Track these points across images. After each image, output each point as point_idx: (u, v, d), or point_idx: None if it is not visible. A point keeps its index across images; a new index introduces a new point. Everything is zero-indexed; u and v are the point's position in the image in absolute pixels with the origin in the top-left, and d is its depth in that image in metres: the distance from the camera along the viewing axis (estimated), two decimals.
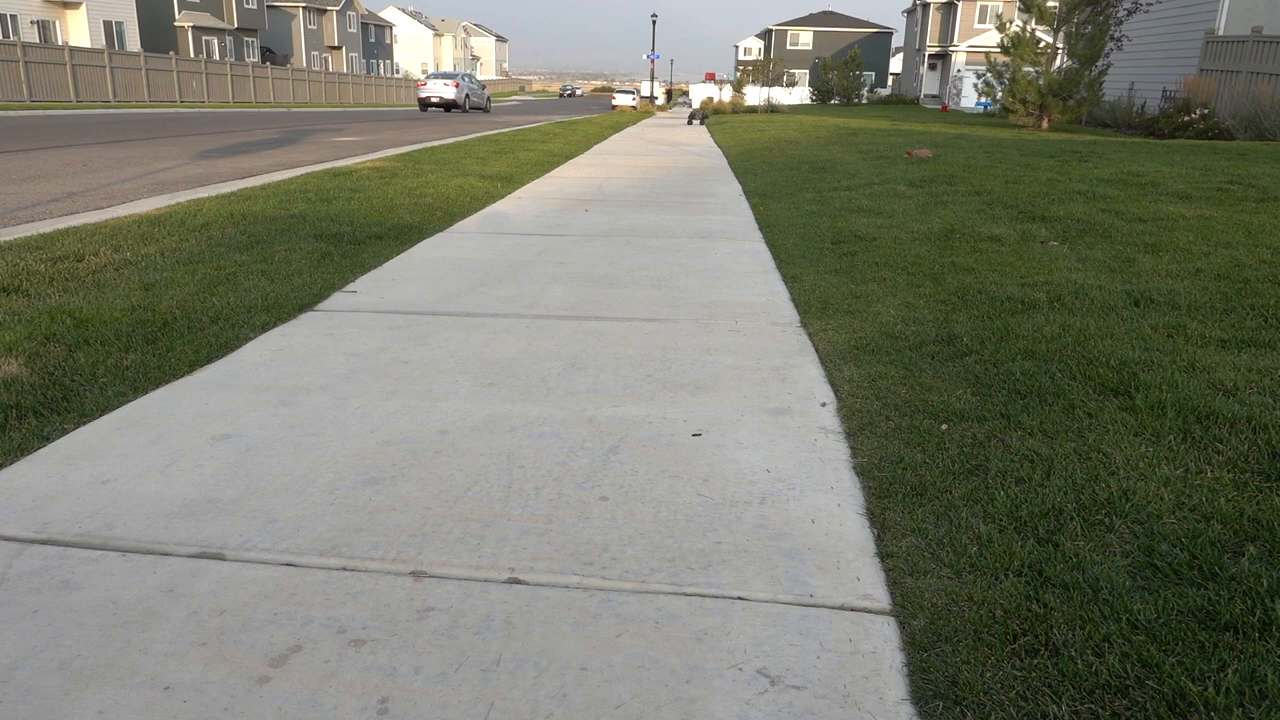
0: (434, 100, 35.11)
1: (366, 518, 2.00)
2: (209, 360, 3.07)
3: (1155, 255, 4.87)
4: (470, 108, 36.06)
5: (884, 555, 1.89)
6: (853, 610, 1.69)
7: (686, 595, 1.73)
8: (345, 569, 1.80)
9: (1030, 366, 3.00)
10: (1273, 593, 1.69)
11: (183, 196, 7.06)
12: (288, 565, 1.81)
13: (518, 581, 1.77)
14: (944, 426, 2.53)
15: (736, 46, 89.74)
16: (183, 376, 2.91)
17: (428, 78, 37.25)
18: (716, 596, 1.73)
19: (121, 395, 2.72)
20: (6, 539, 1.89)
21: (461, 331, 3.49)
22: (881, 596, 1.74)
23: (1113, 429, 2.49)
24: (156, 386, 2.81)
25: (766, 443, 2.46)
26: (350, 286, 4.18)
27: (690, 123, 25.67)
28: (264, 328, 3.45)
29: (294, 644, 1.56)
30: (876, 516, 2.05)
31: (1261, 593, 1.69)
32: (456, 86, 35.32)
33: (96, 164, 10.42)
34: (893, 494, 2.14)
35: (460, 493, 2.13)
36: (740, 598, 1.73)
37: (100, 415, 2.56)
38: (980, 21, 52.65)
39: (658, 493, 2.15)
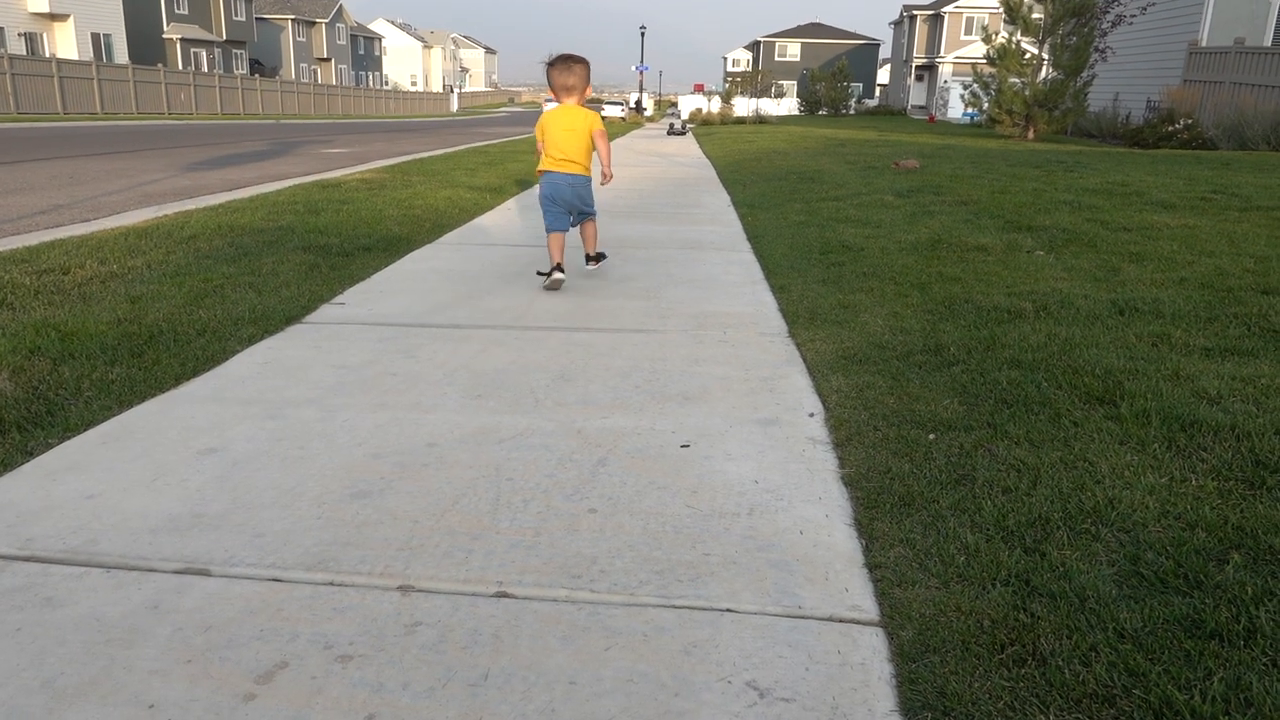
0: None
1: (354, 531, 2.00)
2: (195, 373, 3.05)
3: (1140, 264, 4.91)
4: None
5: (872, 566, 1.89)
6: (841, 621, 1.69)
7: (675, 607, 1.73)
8: (332, 584, 1.79)
9: (1016, 376, 3.01)
10: (1257, 600, 1.70)
11: (170, 209, 7.04)
12: (274, 580, 1.80)
13: (506, 595, 1.76)
14: (931, 436, 2.53)
15: (725, 58, 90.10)
16: (169, 390, 2.89)
17: (546, 100, 50.86)
18: (705, 609, 1.73)
19: (107, 409, 2.70)
20: None
21: (450, 343, 3.48)
22: (870, 607, 1.74)
23: (1098, 438, 2.51)
24: (142, 400, 2.79)
25: (755, 454, 2.46)
26: (338, 298, 4.17)
27: (670, 133, 25.66)
28: (251, 340, 3.44)
29: (280, 660, 1.55)
30: (864, 527, 2.05)
31: (1246, 600, 1.70)
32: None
33: (83, 176, 10.38)
34: (880, 504, 2.15)
35: (448, 505, 2.13)
36: (729, 609, 1.72)
37: (85, 429, 2.55)
38: (966, 33, 53.05)
39: (646, 504, 2.15)
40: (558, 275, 4.46)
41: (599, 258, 4.85)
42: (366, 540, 1.96)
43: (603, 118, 5.22)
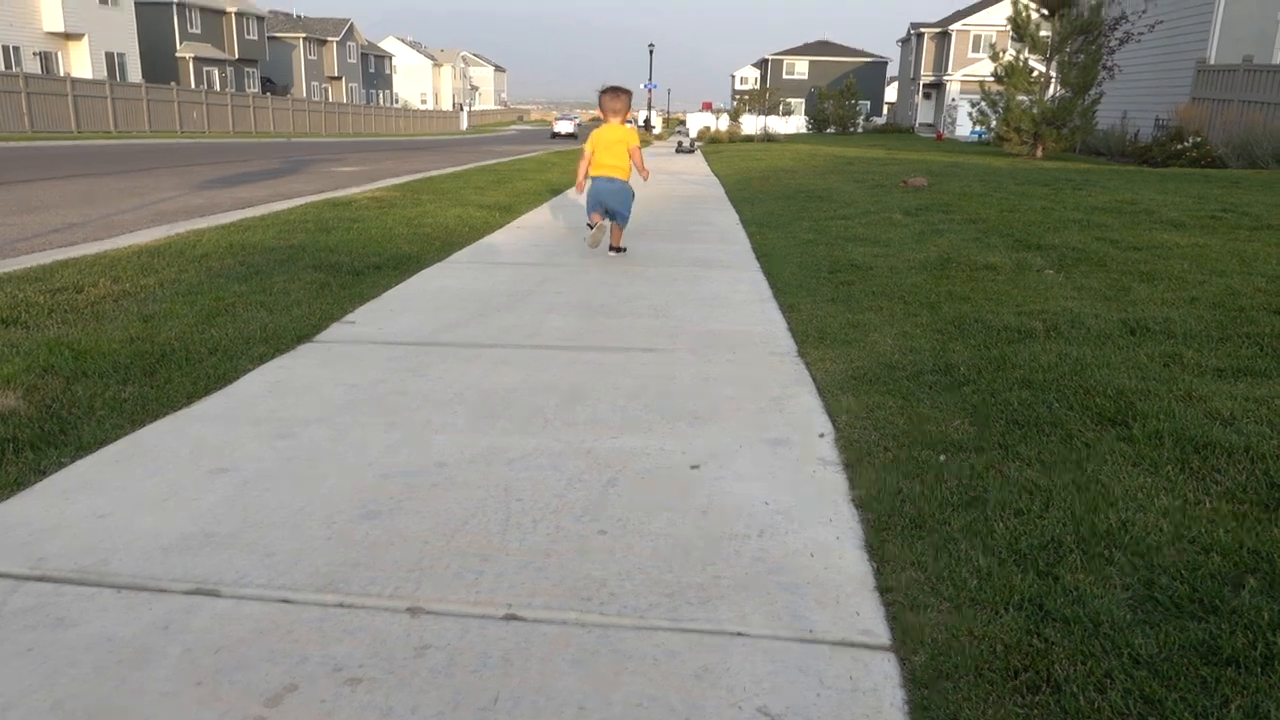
0: (561, 132, 55.60)
1: (364, 552, 2.00)
2: (207, 392, 3.07)
3: (1150, 283, 4.90)
4: (578, 134, 55.16)
5: (883, 589, 1.88)
6: (853, 646, 1.68)
7: (685, 631, 1.72)
8: (342, 605, 1.79)
9: (1027, 396, 3.00)
10: (1274, 626, 1.68)
11: (182, 227, 7.09)
12: (284, 601, 1.80)
13: (515, 618, 1.76)
14: (942, 457, 2.52)
15: (733, 76, 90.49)
16: (181, 409, 2.91)
17: (557, 118, 60.83)
18: (715, 632, 1.72)
19: (119, 428, 2.71)
20: (1, 575, 1.88)
21: (460, 362, 3.49)
22: (881, 632, 1.73)
23: (1111, 459, 2.49)
24: (154, 419, 2.80)
25: (765, 474, 2.45)
26: (349, 317, 4.18)
27: (678, 151, 25.71)
28: (262, 359, 3.45)
29: (290, 683, 1.55)
30: (875, 549, 2.04)
31: (1263, 626, 1.68)
32: (575, 124, 57.10)
33: (97, 195, 10.47)
34: (891, 526, 2.14)
35: (458, 526, 2.12)
36: (740, 633, 1.72)
37: (98, 448, 2.56)
38: (974, 51, 53.18)
39: (656, 526, 2.14)
40: (601, 224, 5.91)
41: (620, 250, 6.15)
42: (376, 561, 1.96)
43: None
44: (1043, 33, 20.20)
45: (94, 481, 2.34)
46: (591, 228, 5.92)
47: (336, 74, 68.74)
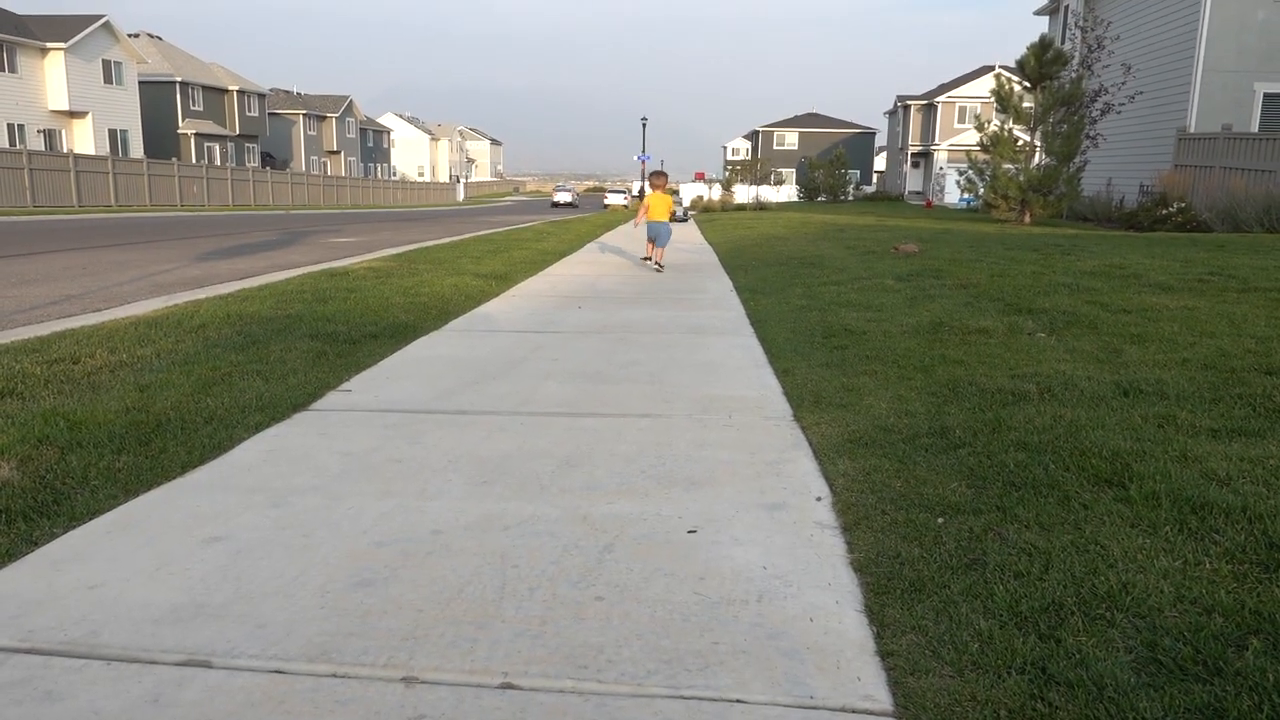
0: (560, 201, 60.97)
1: (357, 621, 1.97)
2: (201, 461, 3.06)
3: (1141, 346, 4.94)
4: (576, 203, 61.73)
5: (884, 654, 1.86)
6: (854, 712, 1.66)
7: (684, 698, 1.70)
8: (335, 675, 1.76)
9: (1023, 458, 3.01)
10: (1279, 688, 1.66)
11: (180, 298, 7.14)
12: (276, 672, 1.77)
13: (511, 686, 1.73)
14: (940, 520, 2.52)
15: (725, 147, 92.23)
16: (175, 478, 2.89)
17: (556, 189, 67.64)
18: (715, 699, 1.69)
19: (113, 498, 2.70)
20: None
21: (455, 430, 3.49)
22: (883, 697, 1.70)
23: (1109, 520, 2.49)
24: (148, 489, 2.79)
25: (763, 539, 2.44)
26: (345, 385, 4.19)
27: (671, 220, 26.11)
28: (258, 428, 3.45)
29: None
30: (875, 613, 2.02)
31: (1268, 688, 1.66)
32: (572, 194, 64.11)
33: (96, 267, 10.56)
34: (891, 590, 2.12)
35: (453, 594, 2.10)
36: (739, 700, 1.69)
37: (91, 518, 2.54)
38: (959, 121, 54.39)
39: (653, 592, 2.12)
40: (651, 252, 10.54)
41: (661, 268, 10.12)
42: (370, 630, 1.93)
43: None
44: (1026, 104, 20.70)
45: (86, 552, 2.32)
46: (648, 259, 10.66)
47: (335, 148, 69.96)
